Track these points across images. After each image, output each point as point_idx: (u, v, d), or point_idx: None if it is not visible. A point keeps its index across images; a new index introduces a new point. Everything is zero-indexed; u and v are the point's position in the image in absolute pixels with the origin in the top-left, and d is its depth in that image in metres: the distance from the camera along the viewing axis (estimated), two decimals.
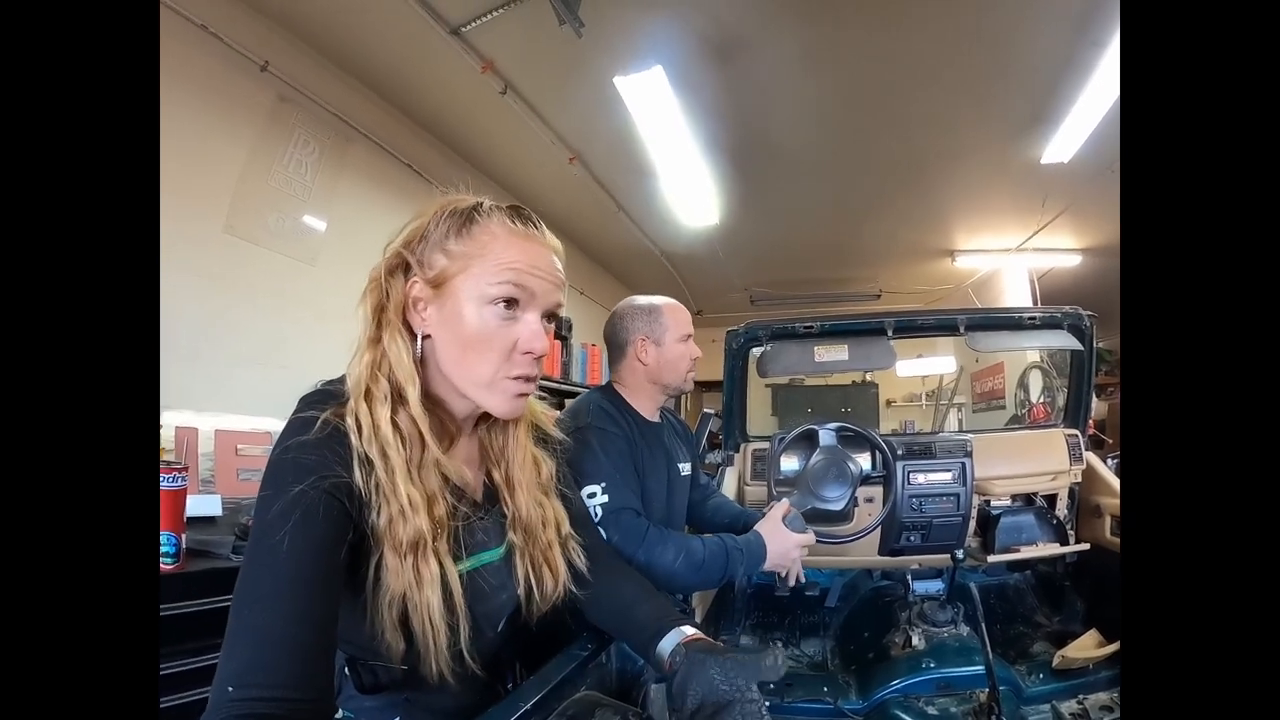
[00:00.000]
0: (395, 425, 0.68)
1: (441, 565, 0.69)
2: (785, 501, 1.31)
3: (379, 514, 0.66)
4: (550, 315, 0.77)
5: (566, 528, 0.87)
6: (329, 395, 0.69)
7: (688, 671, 0.73)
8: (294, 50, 2.46)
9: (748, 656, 0.72)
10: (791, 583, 1.28)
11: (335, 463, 0.64)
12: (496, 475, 0.83)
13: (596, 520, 1.16)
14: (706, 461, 2.35)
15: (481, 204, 0.76)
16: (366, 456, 0.66)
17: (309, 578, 0.58)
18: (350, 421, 0.67)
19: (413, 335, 0.74)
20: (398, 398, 0.70)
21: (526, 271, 0.73)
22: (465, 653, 0.72)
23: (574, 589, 0.87)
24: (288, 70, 2.39)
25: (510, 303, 0.72)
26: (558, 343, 3.90)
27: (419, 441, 0.71)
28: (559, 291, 0.77)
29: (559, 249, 0.79)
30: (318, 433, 0.64)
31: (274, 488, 0.61)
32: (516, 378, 0.74)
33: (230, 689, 0.52)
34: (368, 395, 0.68)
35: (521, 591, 0.82)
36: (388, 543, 0.66)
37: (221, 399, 2.01)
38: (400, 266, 0.74)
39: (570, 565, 0.86)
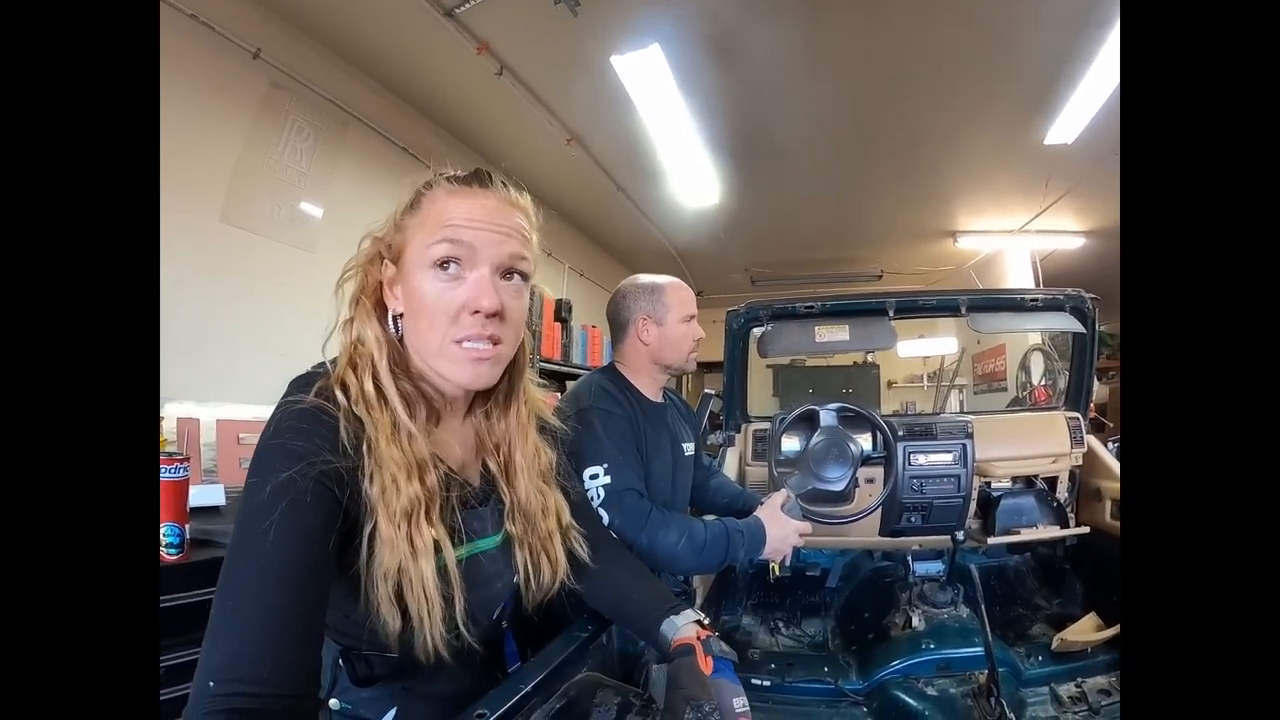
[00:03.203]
0: (378, 388, 0.68)
1: (435, 535, 0.68)
2: (785, 491, 1.32)
3: (371, 481, 0.64)
4: (510, 271, 0.73)
5: (567, 518, 0.86)
6: (317, 379, 0.68)
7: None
8: (286, 36, 2.42)
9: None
10: (777, 567, 1.29)
11: (325, 449, 0.62)
12: (493, 464, 0.82)
13: (599, 502, 1.16)
14: (708, 442, 2.36)
15: (429, 179, 0.75)
16: (355, 416, 0.66)
17: (296, 569, 0.56)
18: (338, 392, 0.66)
19: (386, 314, 0.74)
20: (372, 369, 0.70)
21: (462, 226, 0.70)
22: (461, 625, 0.70)
23: (572, 582, 0.86)
24: (280, 57, 2.35)
25: (450, 263, 0.69)
26: (558, 325, 3.88)
27: (395, 411, 0.70)
28: (511, 242, 0.72)
29: (515, 201, 0.75)
30: (306, 418, 0.63)
31: (261, 475, 0.59)
32: (464, 340, 0.70)
33: (211, 683, 0.50)
34: (352, 365, 0.69)
35: (520, 580, 0.82)
36: (381, 510, 0.64)
37: (222, 389, 2.01)
38: (379, 252, 0.75)
39: (571, 555, 0.86)
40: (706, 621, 0.85)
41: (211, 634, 0.53)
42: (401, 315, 0.74)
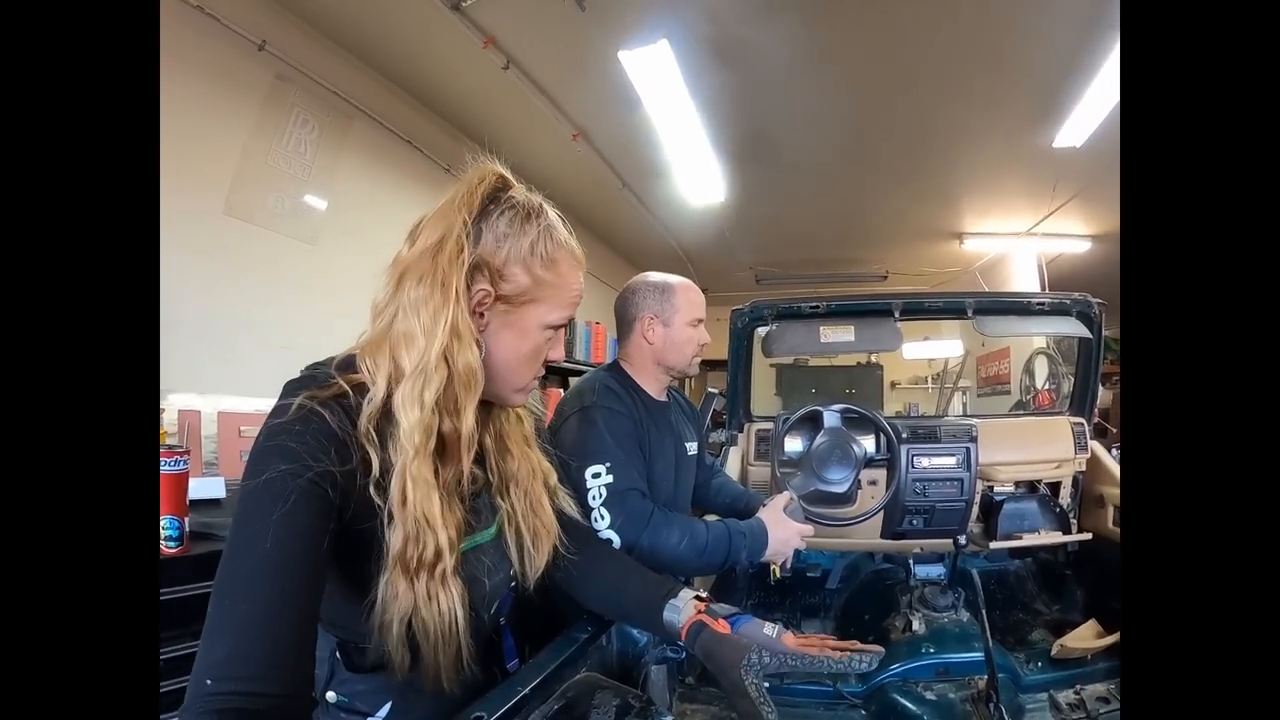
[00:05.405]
0: (456, 431, 0.71)
1: (453, 586, 0.70)
2: (787, 493, 1.31)
3: (395, 533, 0.66)
4: None
5: (554, 480, 0.90)
6: (313, 380, 0.67)
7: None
8: (292, 28, 2.41)
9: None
10: (777, 569, 1.29)
11: (319, 451, 0.62)
12: (489, 439, 0.83)
13: (600, 501, 1.16)
14: (710, 440, 2.35)
15: (551, 220, 0.79)
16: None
17: (291, 568, 0.57)
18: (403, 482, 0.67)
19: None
20: (450, 411, 0.70)
21: (576, 304, 0.81)
22: (465, 664, 0.72)
23: (565, 546, 0.87)
24: (286, 49, 2.34)
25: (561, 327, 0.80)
26: None
27: (455, 458, 0.72)
28: None
29: None
30: (301, 420, 0.62)
31: (257, 476, 0.59)
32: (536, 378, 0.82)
33: (209, 682, 0.51)
34: (439, 402, 0.69)
35: (516, 567, 0.83)
36: (399, 565, 0.66)
37: (224, 381, 2.01)
38: (482, 270, 0.73)
39: (562, 515, 0.89)
40: (705, 595, 0.86)
41: (208, 633, 0.53)
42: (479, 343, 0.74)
